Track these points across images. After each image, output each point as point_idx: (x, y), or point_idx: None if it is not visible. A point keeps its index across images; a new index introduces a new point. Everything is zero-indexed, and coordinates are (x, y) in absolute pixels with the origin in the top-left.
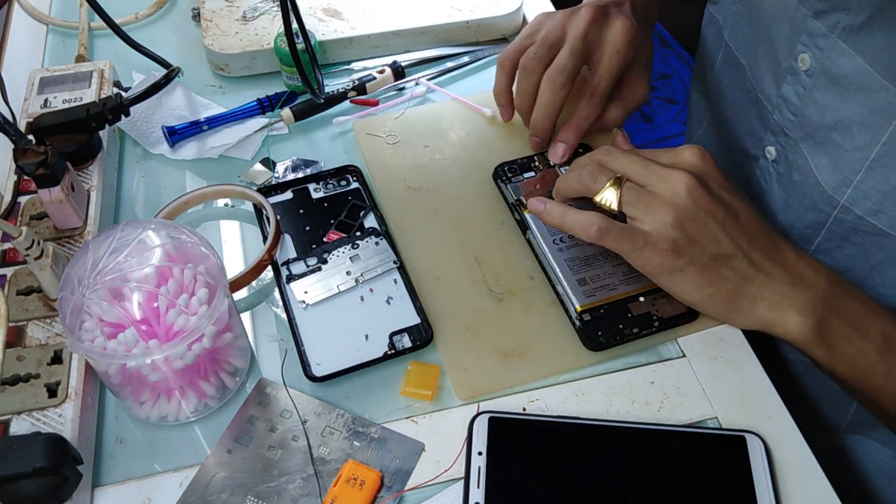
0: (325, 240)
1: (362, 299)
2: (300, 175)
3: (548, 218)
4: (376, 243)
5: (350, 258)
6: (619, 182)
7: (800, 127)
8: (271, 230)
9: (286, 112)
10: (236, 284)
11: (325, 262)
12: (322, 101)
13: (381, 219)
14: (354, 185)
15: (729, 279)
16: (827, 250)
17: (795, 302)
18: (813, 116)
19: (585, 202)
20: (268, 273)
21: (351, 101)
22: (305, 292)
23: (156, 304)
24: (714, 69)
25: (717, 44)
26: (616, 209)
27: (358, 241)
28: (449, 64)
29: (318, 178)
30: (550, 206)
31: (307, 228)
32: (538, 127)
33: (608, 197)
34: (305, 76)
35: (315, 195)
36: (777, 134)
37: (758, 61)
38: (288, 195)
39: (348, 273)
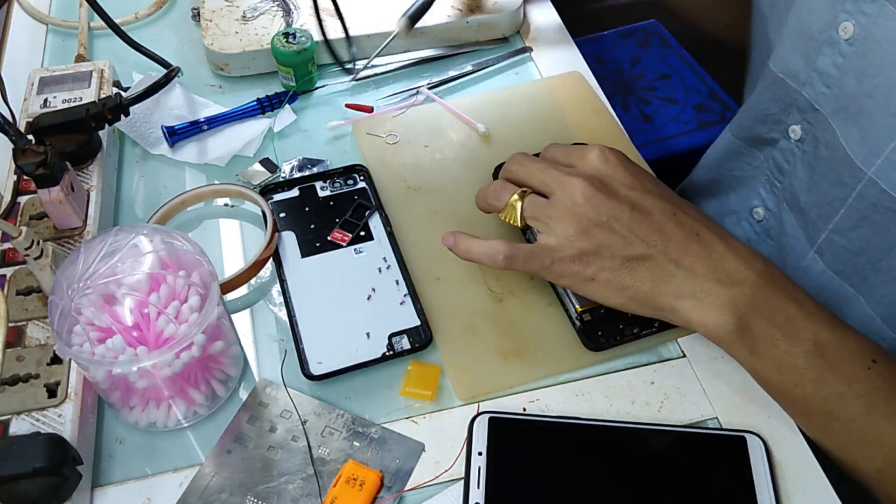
0: (329, 238)
1: (365, 298)
2: (306, 174)
3: (456, 252)
4: (379, 243)
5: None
6: (522, 195)
7: (833, 99)
8: (268, 229)
9: (402, 21)
10: (233, 283)
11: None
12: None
13: (385, 219)
14: (361, 184)
15: (645, 279)
16: (843, 230)
17: (716, 300)
18: (851, 85)
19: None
20: (268, 271)
21: (346, 106)
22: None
23: (146, 311)
24: (759, 66)
25: (762, 41)
26: (520, 225)
27: (361, 241)
28: (451, 72)
29: (325, 176)
30: (457, 239)
31: (311, 227)
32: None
33: (511, 214)
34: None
35: (321, 193)
36: (805, 111)
37: (782, 42)
38: (294, 193)
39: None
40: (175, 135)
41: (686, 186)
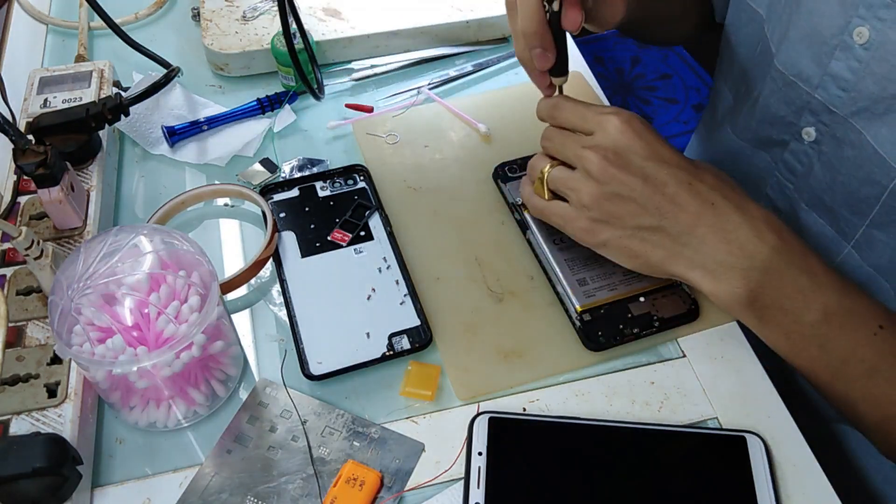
0: (329, 238)
1: (365, 298)
2: (306, 174)
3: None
4: (379, 243)
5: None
6: (553, 165)
7: (851, 102)
8: (268, 229)
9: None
10: (233, 283)
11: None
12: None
13: (385, 219)
14: (361, 184)
15: (658, 246)
16: (882, 224)
17: (728, 271)
18: (871, 89)
19: None
20: (268, 270)
21: (346, 106)
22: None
23: (146, 311)
24: (752, 65)
25: (755, 39)
26: (546, 198)
27: (361, 241)
28: (451, 72)
29: (325, 176)
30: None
31: (311, 226)
32: (527, 33)
33: (537, 188)
34: (304, 75)
35: (321, 193)
36: (818, 113)
37: (790, 45)
38: (294, 192)
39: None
40: (175, 135)
41: None
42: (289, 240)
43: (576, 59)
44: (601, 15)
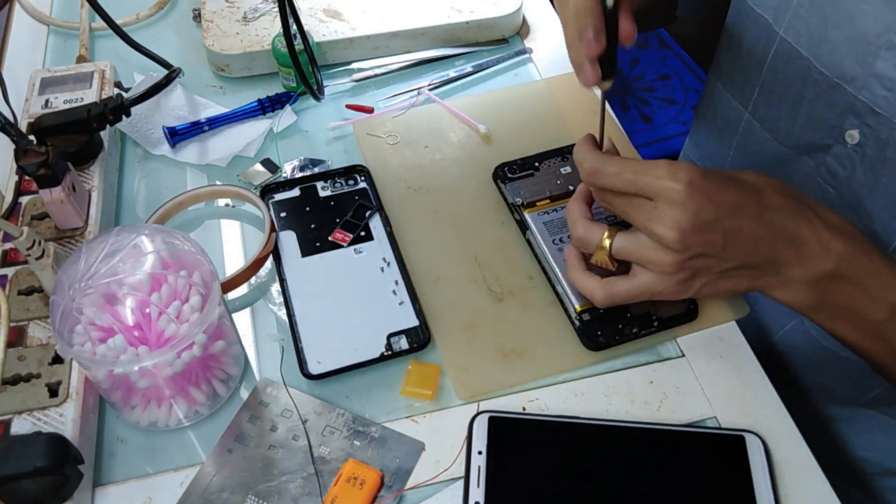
0: (329, 238)
1: (365, 298)
2: (307, 174)
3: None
4: (379, 243)
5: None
6: (610, 234)
7: None
8: (266, 229)
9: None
10: (232, 283)
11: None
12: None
13: (385, 219)
14: (362, 184)
15: (745, 277)
16: None
17: (799, 282)
18: None
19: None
20: (268, 270)
21: (346, 107)
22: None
23: (147, 311)
24: (762, 69)
25: (765, 42)
26: (613, 268)
27: (361, 241)
28: (452, 73)
29: (326, 176)
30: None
31: (312, 226)
32: (579, 11)
33: (600, 258)
34: (304, 76)
35: (322, 193)
36: (863, 115)
37: (832, 47)
38: (295, 192)
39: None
40: (176, 135)
41: None
42: (289, 239)
43: None
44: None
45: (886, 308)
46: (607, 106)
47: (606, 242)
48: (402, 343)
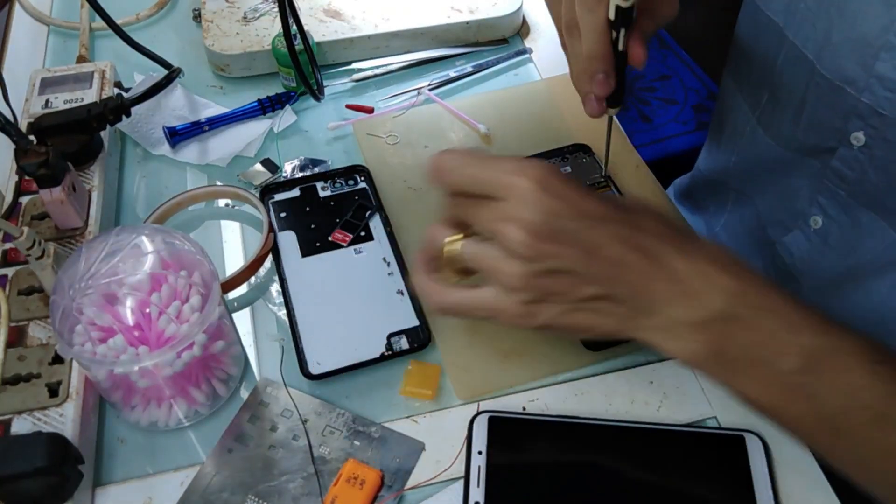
0: (329, 238)
1: (365, 298)
2: (307, 174)
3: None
4: (379, 243)
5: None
6: (461, 236)
7: None
8: (264, 229)
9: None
10: (231, 283)
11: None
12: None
13: (385, 219)
14: (362, 184)
15: (609, 315)
16: None
17: (685, 327)
18: None
19: None
20: (268, 270)
21: (346, 107)
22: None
23: (147, 311)
24: (773, 74)
25: (775, 47)
26: (457, 278)
27: (361, 241)
28: (452, 73)
29: (326, 176)
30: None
31: (312, 226)
32: (592, 56)
33: (446, 262)
34: (304, 76)
35: (322, 193)
36: (867, 117)
37: (834, 50)
38: (295, 192)
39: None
40: (176, 135)
41: None
42: (289, 239)
43: None
44: (660, 13)
45: (797, 355)
46: (615, 121)
47: (449, 248)
48: (403, 343)
